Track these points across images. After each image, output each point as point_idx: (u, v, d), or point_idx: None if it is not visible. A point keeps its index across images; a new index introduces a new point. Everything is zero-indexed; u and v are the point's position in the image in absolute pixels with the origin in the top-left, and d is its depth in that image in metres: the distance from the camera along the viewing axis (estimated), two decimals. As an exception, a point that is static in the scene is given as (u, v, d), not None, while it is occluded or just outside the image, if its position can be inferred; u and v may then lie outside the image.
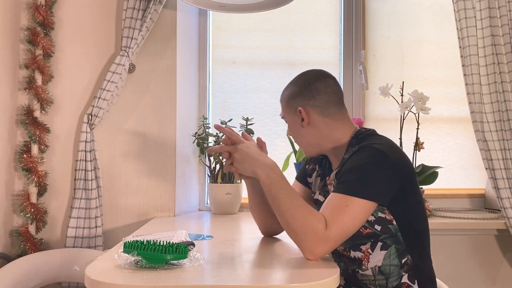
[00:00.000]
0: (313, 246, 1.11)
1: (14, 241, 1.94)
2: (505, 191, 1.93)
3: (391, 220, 1.22)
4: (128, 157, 2.03)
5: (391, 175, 1.19)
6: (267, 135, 2.30)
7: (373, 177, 1.17)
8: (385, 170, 1.18)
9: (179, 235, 1.33)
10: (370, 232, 1.23)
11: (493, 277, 2.04)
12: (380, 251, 1.23)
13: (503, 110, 1.95)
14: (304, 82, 1.35)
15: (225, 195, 2.04)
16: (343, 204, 1.13)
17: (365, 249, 1.25)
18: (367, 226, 1.23)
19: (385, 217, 1.22)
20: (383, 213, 1.22)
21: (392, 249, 1.23)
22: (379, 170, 1.17)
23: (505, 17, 1.94)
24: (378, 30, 2.34)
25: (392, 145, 1.26)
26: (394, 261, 1.23)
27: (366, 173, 1.17)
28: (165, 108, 2.04)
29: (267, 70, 2.34)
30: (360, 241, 1.25)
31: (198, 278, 1.00)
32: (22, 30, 1.99)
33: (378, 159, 1.18)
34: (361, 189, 1.14)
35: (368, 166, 1.18)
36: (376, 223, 1.22)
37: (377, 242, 1.23)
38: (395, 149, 1.25)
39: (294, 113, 1.35)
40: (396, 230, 1.23)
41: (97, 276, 0.97)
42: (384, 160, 1.18)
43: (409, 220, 1.25)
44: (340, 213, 1.12)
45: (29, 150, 1.95)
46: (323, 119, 1.32)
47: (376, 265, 1.24)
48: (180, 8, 2.08)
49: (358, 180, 1.16)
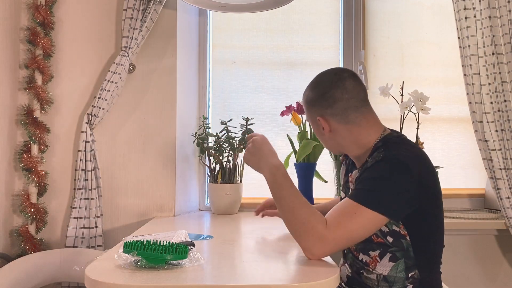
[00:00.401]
0: (311, 245, 1.12)
1: (14, 241, 1.94)
2: (505, 191, 1.93)
3: (405, 235, 1.19)
4: (128, 157, 2.03)
5: (411, 193, 1.14)
6: (267, 135, 2.25)
7: (389, 192, 1.13)
8: (404, 186, 1.14)
9: (179, 235, 1.33)
10: (381, 242, 1.21)
11: (493, 277, 2.04)
12: (388, 262, 1.21)
13: (503, 110, 1.95)
14: (320, 89, 1.30)
15: (225, 195, 2.04)
16: (352, 211, 1.12)
17: (374, 255, 1.23)
18: (379, 235, 1.21)
19: (399, 231, 1.19)
20: (398, 227, 1.19)
21: (400, 263, 1.20)
22: (398, 185, 1.14)
23: (505, 17, 1.94)
24: (378, 30, 2.34)
25: (419, 159, 1.20)
26: (401, 274, 1.21)
27: (383, 186, 1.14)
28: (165, 108, 2.04)
29: (267, 70, 2.34)
30: (370, 247, 1.23)
31: (198, 278, 1.00)
32: (22, 30, 1.99)
33: (400, 174, 1.14)
34: (374, 201, 1.12)
35: (387, 180, 1.14)
36: (388, 235, 1.20)
37: (386, 252, 1.21)
38: (421, 163, 1.19)
39: (314, 120, 1.33)
40: (408, 246, 1.20)
41: (97, 276, 0.97)
42: (406, 175, 1.13)
43: (424, 238, 1.21)
44: (345, 218, 1.12)
45: (29, 150, 1.95)
46: (344, 126, 1.28)
47: (382, 274, 1.22)
48: (180, 8, 2.08)
49: (374, 191, 1.13)
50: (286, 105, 2.11)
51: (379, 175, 1.15)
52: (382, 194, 1.13)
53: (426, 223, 1.21)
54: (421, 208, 1.17)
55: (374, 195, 1.13)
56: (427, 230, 1.21)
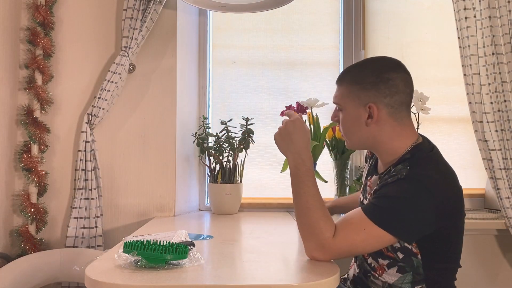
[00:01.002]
0: (313, 249, 1.12)
1: (14, 241, 1.94)
2: (505, 191, 1.93)
3: (417, 253, 1.14)
4: (128, 157, 2.03)
5: (429, 217, 1.08)
6: (267, 135, 2.30)
7: (405, 214, 1.07)
8: (423, 211, 1.07)
9: (179, 235, 1.33)
10: (391, 256, 1.17)
11: (493, 277, 2.04)
12: (396, 272, 1.17)
13: (503, 110, 1.95)
14: (382, 73, 1.18)
15: (225, 195, 2.04)
16: (362, 226, 1.08)
17: (382, 263, 1.19)
18: (390, 249, 1.16)
19: (411, 249, 1.14)
20: (410, 245, 1.14)
21: (408, 276, 1.16)
22: (417, 209, 1.07)
23: (505, 17, 1.94)
24: (378, 30, 2.34)
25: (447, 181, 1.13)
26: (406, 286, 1.17)
27: (400, 207, 1.08)
28: (165, 108, 2.04)
29: (267, 70, 2.34)
30: (380, 255, 1.20)
31: (198, 278, 1.00)
32: (22, 30, 1.99)
33: (420, 198, 1.07)
34: (386, 221, 1.07)
35: (405, 201, 1.07)
36: (399, 251, 1.15)
37: (395, 265, 1.17)
38: (447, 186, 1.12)
39: (360, 105, 1.19)
40: (419, 264, 1.15)
41: (97, 276, 0.97)
42: (427, 200, 1.07)
43: (437, 259, 1.16)
44: (353, 232, 1.09)
45: (29, 150, 1.95)
46: (391, 122, 1.18)
47: (387, 282, 1.19)
48: (180, 8, 2.08)
49: (388, 210, 1.08)
50: (286, 105, 2.11)
51: (398, 195, 1.09)
52: (397, 216, 1.08)
53: (441, 245, 1.15)
54: (439, 230, 1.11)
55: (388, 215, 1.08)
56: (441, 251, 1.15)
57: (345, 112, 1.23)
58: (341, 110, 1.24)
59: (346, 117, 1.23)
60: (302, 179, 1.16)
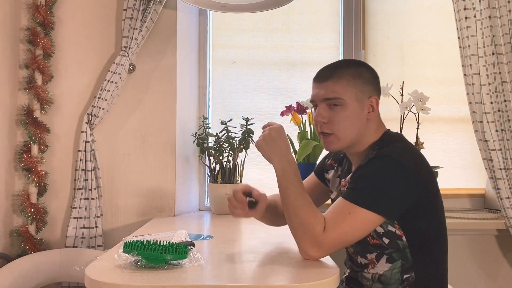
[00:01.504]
0: (307, 247, 1.11)
1: (14, 241, 1.94)
2: (505, 191, 1.93)
3: (401, 235, 1.18)
4: (128, 157, 2.03)
5: (405, 189, 1.13)
6: (267, 135, 2.30)
7: (383, 189, 1.12)
8: (398, 183, 1.12)
9: (179, 235, 1.33)
10: (377, 243, 1.20)
11: (493, 277, 2.04)
12: (385, 263, 1.20)
13: (503, 110, 1.95)
14: (373, 71, 1.27)
15: (225, 195, 2.04)
16: (346, 211, 1.11)
17: (371, 258, 1.22)
18: (375, 236, 1.19)
19: (394, 232, 1.18)
20: (393, 227, 1.17)
21: (397, 264, 1.19)
22: (392, 182, 1.12)
23: (505, 17, 1.94)
24: (378, 30, 2.34)
25: (414, 157, 1.19)
26: (396, 276, 1.20)
27: (377, 184, 1.12)
28: (165, 108, 2.04)
29: (267, 70, 2.34)
30: (367, 249, 1.22)
31: (198, 278, 1.00)
32: (22, 30, 1.99)
33: (393, 171, 1.13)
34: (368, 200, 1.11)
35: (381, 177, 1.13)
36: (384, 236, 1.18)
37: (383, 254, 1.20)
38: (416, 161, 1.18)
39: (362, 99, 1.22)
40: (405, 247, 1.18)
41: (97, 276, 0.97)
42: (400, 172, 1.13)
43: (421, 238, 1.19)
44: (340, 220, 1.11)
45: (29, 150, 1.95)
46: (377, 115, 1.27)
47: (377, 273, 1.22)
48: (180, 8, 2.08)
49: (367, 190, 1.12)
50: (286, 105, 2.11)
51: (372, 173, 1.14)
52: (376, 193, 1.12)
53: (422, 222, 1.19)
54: (416, 206, 1.15)
55: (368, 194, 1.12)
56: (423, 229, 1.19)
57: (345, 108, 1.21)
58: (336, 106, 1.21)
59: (345, 113, 1.21)
60: (290, 180, 1.17)
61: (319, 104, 1.24)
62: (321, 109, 1.23)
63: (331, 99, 1.21)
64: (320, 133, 1.26)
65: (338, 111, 1.21)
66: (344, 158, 1.41)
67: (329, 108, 1.22)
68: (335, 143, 1.24)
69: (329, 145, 1.26)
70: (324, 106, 1.23)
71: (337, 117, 1.21)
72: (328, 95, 1.22)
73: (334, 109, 1.22)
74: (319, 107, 1.24)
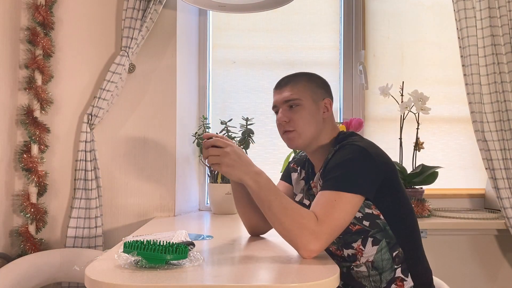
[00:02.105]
0: (306, 242, 1.12)
1: (14, 241, 1.94)
2: (505, 191, 1.93)
3: (378, 215, 1.26)
4: (128, 157, 2.03)
5: (373, 169, 1.22)
6: (267, 135, 2.30)
7: (356, 172, 1.21)
8: (366, 164, 1.22)
9: (179, 235, 1.33)
10: (360, 229, 1.26)
11: (493, 277, 2.04)
12: (372, 246, 1.27)
13: (503, 110, 1.95)
14: (322, 79, 1.43)
15: (225, 195, 2.04)
16: (332, 199, 1.16)
17: (357, 246, 1.28)
18: (356, 222, 1.26)
19: (372, 212, 1.26)
20: (370, 209, 1.25)
21: (383, 243, 1.26)
22: (361, 164, 1.21)
23: (505, 17, 1.94)
24: (378, 30, 2.34)
25: (371, 143, 1.31)
26: (386, 255, 1.26)
27: (349, 168, 1.21)
28: (165, 108, 2.04)
29: (267, 70, 2.34)
30: (351, 238, 1.28)
31: (198, 278, 1.00)
32: (22, 30, 1.99)
33: (359, 154, 1.22)
34: (347, 184, 1.18)
35: (351, 162, 1.22)
36: (364, 219, 1.26)
37: (367, 238, 1.27)
38: (374, 146, 1.30)
39: (317, 100, 1.37)
40: (385, 225, 1.26)
41: (97, 276, 0.97)
42: (365, 155, 1.22)
43: (396, 214, 1.28)
44: (330, 209, 1.15)
45: (29, 150, 1.95)
46: (331, 116, 1.40)
47: (368, 260, 1.27)
48: (180, 8, 2.08)
49: (343, 175, 1.20)
50: (286, 105, 2.11)
51: (342, 160, 1.23)
52: (351, 176, 1.20)
53: (393, 198, 1.27)
54: (384, 184, 1.24)
55: (344, 179, 1.19)
56: (395, 203, 1.28)
57: (303, 107, 1.35)
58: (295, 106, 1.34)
59: (304, 111, 1.35)
60: (267, 188, 1.19)
61: (281, 107, 1.37)
62: (282, 111, 1.37)
63: (291, 100, 1.35)
64: (283, 133, 1.38)
65: (297, 111, 1.35)
66: (306, 162, 1.49)
67: (289, 109, 1.36)
68: (296, 139, 1.36)
69: (291, 142, 1.37)
70: (285, 107, 1.36)
71: (297, 115, 1.34)
72: (288, 97, 1.36)
73: (293, 109, 1.35)
74: (281, 110, 1.37)
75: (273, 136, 2.30)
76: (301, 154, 1.57)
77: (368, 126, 2.29)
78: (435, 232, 1.98)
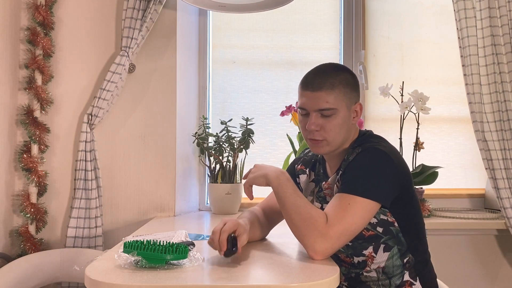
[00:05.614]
0: (313, 242, 1.12)
1: (14, 241, 1.94)
2: (505, 191, 1.93)
3: (393, 222, 1.24)
4: (128, 157, 2.03)
5: (393, 177, 1.20)
6: (267, 135, 2.30)
7: (376, 178, 1.18)
8: (387, 171, 1.19)
9: (179, 235, 1.33)
10: (372, 234, 1.24)
11: (493, 277, 2.04)
12: (383, 253, 1.24)
13: (503, 110, 1.95)
14: (355, 77, 1.31)
15: (225, 195, 2.04)
16: (346, 202, 1.15)
17: (368, 253, 1.25)
18: (370, 228, 1.23)
19: (387, 219, 1.24)
20: (385, 215, 1.23)
21: (394, 250, 1.24)
22: (382, 171, 1.19)
23: (505, 17, 1.94)
24: (378, 30, 2.34)
25: (393, 148, 1.28)
26: (397, 262, 1.25)
27: (370, 173, 1.19)
28: (165, 108, 2.04)
29: (267, 70, 2.34)
30: (362, 246, 1.25)
31: (198, 278, 1.00)
32: (22, 30, 1.99)
33: (382, 161, 1.20)
34: (364, 189, 1.16)
35: (372, 167, 1.20)
36: (378, 225, 1.23)
37: (379, 244, 1.24)
38: (395, 152, 1.27)
39: (350, 106, 1.28)
40: (397, 232, 1.25)
41: (97, 276, 0.97)
42: (387, 162, 1.20)
43: (409, 221, 1.26)
44: (342, 211, 1.14)
45: (29, 150, 1.95)
46: None
47: (379, 266, 1.25)
48: (180, 8, 2.08)
49: (362, 180, 1.18)
50: (286, 105, 2.11)
51: (364, 164, 1.21)
52: (370, 182, 1.18)
53: (408, 206, 1.26)
54: (402, 192, 1.23)
55: (363, 184, 1.17)
56: (410, 211, 1.27)
57: (337, 116, 1.25)
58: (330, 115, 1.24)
59: (337, 121, 1.25)
60: (286, 185, 1.23)
61: (311, 113, 1.26)
62: (313, 118, 1.26)
63: (325, 110, 1.24)
64: (310, 139, 1.29)
65: (330, 120, 1.25)
66: (316, 163, 1.44)
67: (321, 116, 1.26)
68: (325, 147, 1.28)
69: (319, 149, 1.30)
70: (316, 115, 1.26)
71: (329, 124, 1.25)
72: (322, 106, 1.24)
73: (326, 118, 1.25)
74: (312, 116, 1.26)
75: (273, 136, 2.30)
76: (307, 154, 1.50)
77: (368, 126, 2.29)
78: (435, 232, 1.98)
